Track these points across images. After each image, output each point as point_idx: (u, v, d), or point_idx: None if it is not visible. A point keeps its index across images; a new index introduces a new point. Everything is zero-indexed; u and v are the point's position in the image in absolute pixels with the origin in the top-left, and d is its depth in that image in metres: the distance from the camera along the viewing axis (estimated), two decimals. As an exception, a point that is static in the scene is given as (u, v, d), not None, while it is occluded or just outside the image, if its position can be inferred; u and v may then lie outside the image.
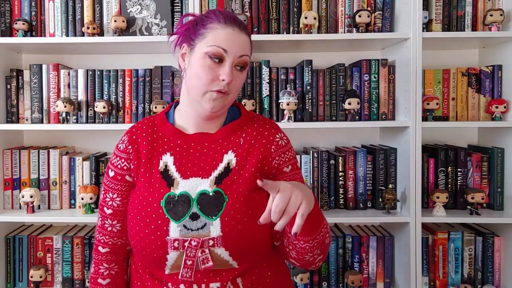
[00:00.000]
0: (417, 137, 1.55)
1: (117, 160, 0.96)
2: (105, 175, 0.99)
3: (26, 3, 1.66)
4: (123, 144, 0.97)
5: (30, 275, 1.62)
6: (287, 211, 0.77)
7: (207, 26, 0.90)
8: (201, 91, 0.90)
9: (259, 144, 0.96)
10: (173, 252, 0.87)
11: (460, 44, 1.75)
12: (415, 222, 1.55)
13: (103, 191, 0.98)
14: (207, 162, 0.93)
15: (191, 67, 0.92)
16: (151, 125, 0.98)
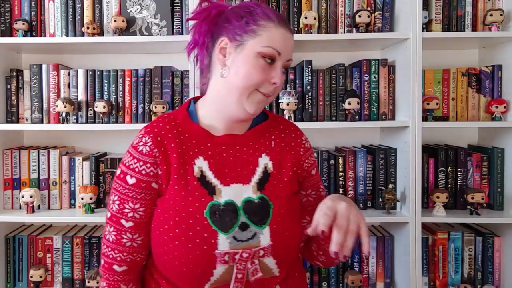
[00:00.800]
0: (417, 137, 1.55)
1: (140, 165, 0.83)
2: (120, 181, 0.85)
3: (26, 3, 1.66)
4: (145, 146, 0.84)
5: (30, 275, 1.62)
6: (351, 230, 0.77)
7: (259, 23, 0.83)
8: (248, 92, 0.84)
9: (289, 147, 0.94)
10: (221, 267, 0.80)
11: (460, 44, 1.75)
12: (415, 222, 1.55)
13: (118, 201, 0.84)
14: (243, 167, 0.87)
15: (237, 65, 0.83)
16: (174, 125, 0.88)
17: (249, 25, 0.83)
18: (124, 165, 0.85)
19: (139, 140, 0.86)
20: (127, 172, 0.84)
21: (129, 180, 0.84)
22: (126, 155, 0.86)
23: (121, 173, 0.85)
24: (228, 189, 0.84)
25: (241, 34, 0.83)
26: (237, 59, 0.84)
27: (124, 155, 0.87)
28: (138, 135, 0.87)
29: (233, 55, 0.84)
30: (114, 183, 0.86)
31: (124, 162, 0.86)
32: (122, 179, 0.85)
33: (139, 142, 0.85)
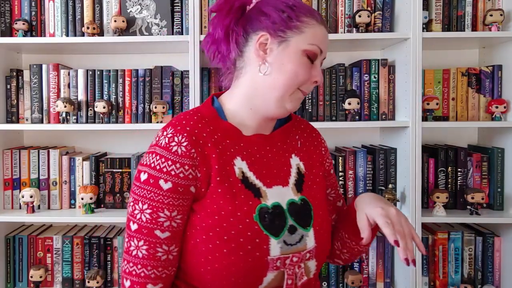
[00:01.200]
0: (417, 137, 1.55)
1: (177, 167, 0.74)
2: (150, 187, 0.74)
3: (26, 3, 1.66)
4: (180, 146, 0.75)
5: (30, 275, 1.62)
6: (407, 234, 0.77)
7: (303, 20, 0.80)
8: (291, 90, 0.80)
9: (313, 146, 0.93)
10: (271, 273, 0.76)
11: (460, 44, 1.75)
12: (415, 222, 1.55)
13: (150, 209, 0.74)
14: (278, 168, 0.84)
15: (281, 62, 0.79)
16: (205, 123, 0.81)
17: (292, 21, 0.79)
18: (153, 168, 0.75)
19: (170, 140, 0.76)
20: (159, 176, 0.74)
21: (164, 185, 0.74)
22: (152, 156, 0.76)
23: (150, 177, 0.75)
24: (272, 191, 0.80)
25: (284, 30, 0.79)
26: (281, 56, 0.79)
27: (148, 157, 0.77)
28: (165, 134, 0.77)
29: (275, 51, 0.79)
30: (139, 189, 0.75)
31: (152, 164, 0.75)
32: (153, 184, 0.74)
33: (170, 141, 0.76)
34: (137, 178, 0.77)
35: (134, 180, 0.78)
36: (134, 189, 0.77)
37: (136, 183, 0.76)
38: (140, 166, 0.78)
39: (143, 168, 0.76)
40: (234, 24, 0.82)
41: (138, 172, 0.77)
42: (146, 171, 0.75)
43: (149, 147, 0.79)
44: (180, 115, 0.82)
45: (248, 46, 0.82)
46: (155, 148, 0.77)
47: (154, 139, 0.80)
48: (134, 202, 0.76)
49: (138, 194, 0.75)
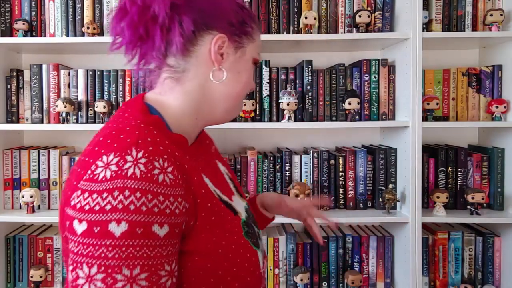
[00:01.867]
0: (417, 137, 1.55)
1: (171, 202, 0.56)
2: (140, 240, 0.52)
3: (26, 3, 1.66)
4: (166, 174, 0.56)
5: (30, 275, 1.62)
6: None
7: (253, 26, 0.73)
8: (241, 100, 0.75)
9: (215, 148, 0.87)
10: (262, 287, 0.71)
11: (460, 44, 1.75)
12: (415, 222, 1.55)
13: (146, 272, 0.52)
14: (219, 177, 0.78)
15: (237, 70, 0.72)
16: (165, 138, 0.63)
17: (246, 26, 0.71)
18: (134, 212, 0.52)
19: (147, 167, 0.55)
20: (150, 221, 0.53)
21: (159, 231, 0.54)
22: (124, 196, 0.53)
23: (135, 227, 0.52)
24: (235, 203, 0.73)
25: (240, 35, 0.71)
26: (238, 64, 0.72)
27: (113, 198, 0.52)
28: (132, 160, 0.55)
29: (232, 58, 0.71)
30: (115, 250, 0.51)
31: (130, 207, 0.52)
32: (142, 235, 0.52)
33: (150, 169, 0.55)
34: (102, 234, 0.51)
35: (88, 239, 0.52)
36: (98, 253, 0.51)
37: (99, 241, 0.51)
38: (100, 214, 0.52)
39: (112, 216, 0.52)
40: (172, 11, 0.65)
41: (96, 224, 0.52)
42: (123, 219, 0.52)
43: (90, 184, 0.54)
44: (131, 130, 0.60)
45: (198, 46, 0.68)
46: (124, 182, 0.53)
47: (91, 172, 0.55)
48: (106, 274, 0.50)
49: (115, 257, 0.51)
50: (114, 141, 0.58)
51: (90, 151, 0.59)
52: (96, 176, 0.54)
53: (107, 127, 0.64)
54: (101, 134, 0.62)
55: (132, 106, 0.68)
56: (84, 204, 0.53)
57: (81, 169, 0.57)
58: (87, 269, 0.51)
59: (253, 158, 1.66)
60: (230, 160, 1.67)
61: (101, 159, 0.56)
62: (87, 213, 0.53)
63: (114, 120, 0.66)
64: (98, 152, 0.57)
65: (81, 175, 0.56)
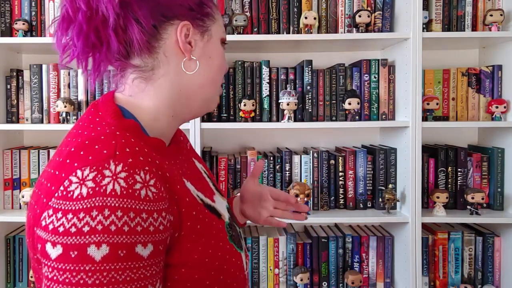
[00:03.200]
0: (417, 137, 1.55)
1: (154, 219, 0.51)
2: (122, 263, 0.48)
3: (26, 3, 1.66)
4: (148, 188, 0.52)
5: (30, 275, 1.62)
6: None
7: (210, 5, 0.69)
8: (219, 85, 0.71)
9: (190, 145, 0.82)
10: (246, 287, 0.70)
11: (460, 44, 1.75)
12: (415, 222, 1.55)
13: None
14: (199, 176, 0.73)
15: (208, 56, 0.67)
16: (143, 144, 0.58)
17: (205, 7, 0.67)
18: (116, 233, 0.48)
19: (128, 181, 0.50)
20: (133, 241, 0.49)
21: (143, 251, 0.50)
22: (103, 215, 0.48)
23: (117, 249, 0.48)
24: (217, 205, 0.69)
25: (203, 18, 0.66)
26: (207, 49, 0.67)
27: (90, 219, 0.48)
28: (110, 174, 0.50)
29: (200, 44, 0.66)
30: (95, 276, 0.47)
31: (110, 227, 0.48)
32: (125, 258, 0.48)
33: (130, 184, 0.50)
34: (80, 259, 0.47)
35: (64, 265, 0.47)
36: (75, 279, 0.47)
37: (77, 267, 0.47)
38: (77, 237, 0.47)
39: (91, 239, 0.47)
40: (120, 9, 0.59)
41: (72, 248, 0.47)
42: (103, 241, 0.47)
43: (64, 202, 0.49)
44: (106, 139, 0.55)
45: (162, 40, 0.63)
46: (104, 200, 0.48)
47: (64, 188, 0.50)
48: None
49: (95, 283, 0.47)
50: (89, 153, 0.52)
51: (61, 164, 0.53)
52: (70, 193, 0.49)
53: (78, 134, 0.58)
54: (72, 143, 0.56)
55: (103, 109, 0.62)
56: (58, 225, 0.48)
57: (51, 184, 0.52)
58: None
59: (253, 158, 1.66)
60: (230, 160, 1.67)
61: (75, 174, 0.50)
62: (61, 235, 0.48)
63: (85, 126, 0.59)
64: (71, 166, 0.51)
65: (52, 191, 0.51)
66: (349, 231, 1.72)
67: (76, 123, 0.63)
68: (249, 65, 1.66)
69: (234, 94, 1.66)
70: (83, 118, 0.62)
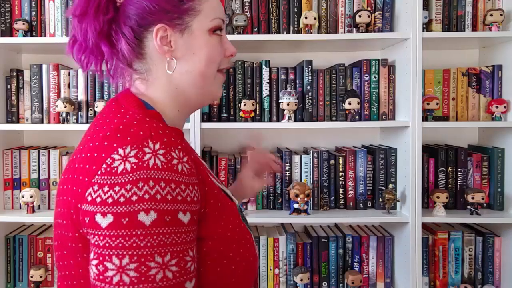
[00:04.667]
0: (417, 137, 1.55)
1: (190, 191, 0.58)
2: (168, 227, 0.54)
3: (26, 3, 1.66)
4: (183, 164, 0.58)
5: (30, 275, 1.62)
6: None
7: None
8: (212, 77, 0.73)
9: None
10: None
11: (460, 44, 1.75)
12: (415, 222, 1.55)
13: (176, 258, 0.54)
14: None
15: (191, 52, 0.70)
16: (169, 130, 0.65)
17: (183, 4, 0.68)
18: (161, 201, 0.54)
19: (166, 157, 0.57)
20: (176, 208, 0.55)
21: (183, 217, 0.56)
22: (149, 185, 0.54)
23: (163, 215, 0.54)
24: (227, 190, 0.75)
25: (180, 16, 0.68)
26: (189, 45, 0.69)
27: (137, 189, 0.54)
28: (149, 151, 0.56)
29: (181, 42, 0.69)
30: (146, 239, 0.53)
31: (156, 196, 0.54)
32: (171, 223, 0.54)
33: (169, 159, 0.57)
34: (131, 224, 0.52)
35: (116, 231, 0.53)
36: (129, 243, 0.52)
37: (129, 232, 0.52)
38: (126, 205, 0.53)
39: (140, 206, 0.53)
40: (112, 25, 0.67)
41: (123, 216, 0.53)
42: (151, 208, 0.53)
43: (109, 177, 0.55)
44: (139, 124, 0.62)
45: (146, 47, 0.69)
46: (148, 173, 0.54)
47: (107, 165, 0.56)
48: (139, 263, 0.52)
49: (147, 246, 0.52)
50: (126, 135, 0.58)
51: (98, 147, 0.59)
52: (115, 169, 0.55)
53: (107, 123, 0.63)
54: (102, 130, 0.62)
55: (125, 102, 0.68)
56: (106, 197, 0.54)
57: (92, 165, 0.57)
58: (118, 261, 0.52)
59: (253, 158, 1.66)
60: (230, 160, 1.67)
61: (117, 152, 0.56)
62: (110, 205, 0.53)
63: (111, 116, 0.65)
64: (110, 146, 0.57)
65: (94, 170, 0.56)
66: (349, 231, 1.72)
67: (97, 118, 0.68)
68: (249, 65, 1.66)
69: (234, 94, 1.66)
70: (105, 112, 0.68)
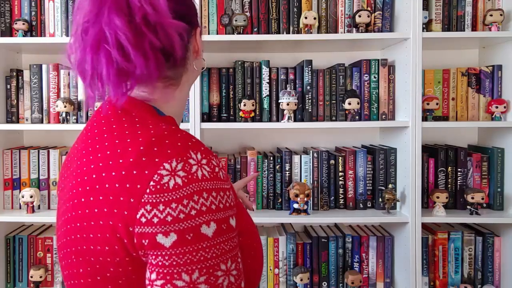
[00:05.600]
0: (417, 137, 1.55)
1: (231, 195, 0.59)
2: (225, 235, 0.56)
3: (26, 3, 1.66)
4: (221, 171, 0.59)
5: (30, 275, 1.62)
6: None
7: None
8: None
9: None
10: None
11: (460, 44, 1.75)
12: (415, 222, 1.55)
13: (233, 261, 0.56)
14: None
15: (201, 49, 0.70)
16: None
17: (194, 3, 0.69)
18: (216, 211, 0.55)
19: (209, 166, 0.56)
20: (227, 216, 0.56)
21: (233, 222, 0.57)
22: (206, 197, 0.54)
23: (221, 223, 0.55)
24: None
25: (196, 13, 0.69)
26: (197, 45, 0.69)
27: (200, 201, 0.54)
28: (195, 162, 0.55)
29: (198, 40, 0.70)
30: (213, 249, 0.54)
31: (212, 207, 0.55)
32: (226, 230, 0.56)
33: (212, 168, 0.57)
34: (196, 239, 0.53)
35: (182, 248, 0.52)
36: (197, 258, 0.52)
37: (195, 247, 0.52)
38: (188, 221, 0.53)
39: (201, 220, 0.53)
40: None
41: (187, 232, 0.52)
42: (211, 220, 0.54)
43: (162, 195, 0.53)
44: (170, 134, 0.58)
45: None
46: (200, 185, 0.54)
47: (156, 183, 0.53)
48: (208, 275, 0.53)
49: (213, 256, 0.53)
50: (164, 148, 0.55)
51: (135, 163, 0.55)
52: (166, 185, 0.53)
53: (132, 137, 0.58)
54: (133, 144, 0.57)
55: (136, 110, 0.63)
56: (164, 216, 0.52)
57: (134, 184, 0.53)
58: (187, 277, 0.52)
59: (253, 158, 1.66)
60: (230, 160, 1.67)
61: (163, 167, 0.53)
62: (171, 224, 0.52)
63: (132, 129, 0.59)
64: (152, 162, 0.54)
65: (140, 189, 0.53)
66: (349, 231, 1.71)
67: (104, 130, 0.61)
68: (249, 65, 1.66)
69: (234, 94, 1.66)
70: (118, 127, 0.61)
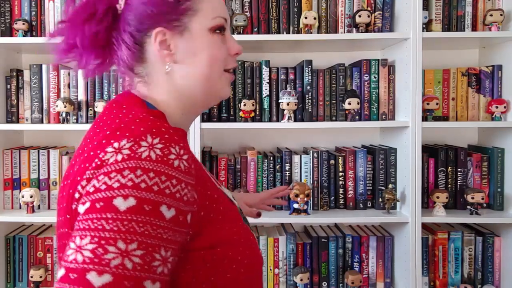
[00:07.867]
0: (417, 137, 1.55)
1: (181, 188, 0.54)
2: (145, 217, 0.50)
3: (26, 3, 1.66)
4: (181, 160, 0.55)
5: (30, 275, 1.62)
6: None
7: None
8: (217, 77, 0.70)
9: None
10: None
11: (460, 44, 1.75)
12: (415, 222, 1.55)
13: (142, 249, 0.49)
14: None
15: (192, 53, 0.67)
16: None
17: (180, 4, 0.66)
18: (146, 190, 0.51)
19: (164, 151, 0.54)
20: (160, 201, 0.52)
21: (166, 212, 0.52)
22: (137, 174, 0.51)
23: (143, 203, 0.51)
24: (227, 192, 0.74)
25: (178, 18, 0.66)
26: (189, 46, 0.67)
27: (124, 176, 0.51)
28: (146, 144, 0.54)
29: (181, 45, 0.67)
30: (118, 222, 0.49)
31: (141, 185, 0.51)
32: (149, 213, 0.51)
33: (165, 153, 0.54)
34: (108, 207, 0.50)
35: (86, 215, 0.51)
36: (100, 222, 0.49)
37: (107, 214, 0.49)
38: (105, 192, 0.51)
39: (122, 192, 0.50)
40: (113, 32, 0.67)
41: (98, 201, 0.51)
42: (131, 195, 0.50)
43: (98, 170, 0.53)
44: (142, 121, 0.59)
45: (147, 52, 0.67)
46: (137, 163, 0.52)
47: (99, 159, 0.54)
48: (98, 245, 0.48)
49: (115, 229, 0.49)
50: (125, 131, 0.56)
51: (96, 146, 0.57)
52: (105, 161, 0.53)
53: (107, 124, 0.61)
54: (103, 131, 0.59)
55: (127, 102, 0.66)
56: (89, 187, 0.52)
57: (85, 164, 0.56)
58: (79, 241, 0.49)
59: (253, 158, 1.66)
60: (230, 160, 1.67)
61: (112, 145, 0.54)
62: (92, 194, 0.52)
63: (113, 118, 0.62)
64: (107, 143, 0.55)
65: (86, 168, 0.55)
66: (349, 231, 1.71)
67: (97, 120, 0.67)
68: (249, 65, 1.66)
69: (234, 94, 1.66)
70: (106, 114, 0.66)
